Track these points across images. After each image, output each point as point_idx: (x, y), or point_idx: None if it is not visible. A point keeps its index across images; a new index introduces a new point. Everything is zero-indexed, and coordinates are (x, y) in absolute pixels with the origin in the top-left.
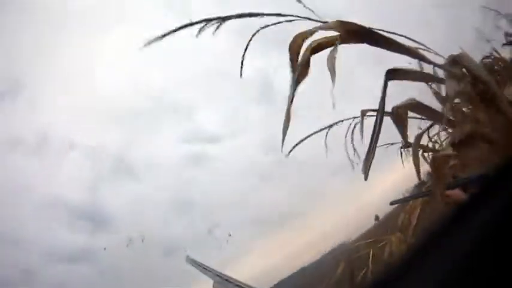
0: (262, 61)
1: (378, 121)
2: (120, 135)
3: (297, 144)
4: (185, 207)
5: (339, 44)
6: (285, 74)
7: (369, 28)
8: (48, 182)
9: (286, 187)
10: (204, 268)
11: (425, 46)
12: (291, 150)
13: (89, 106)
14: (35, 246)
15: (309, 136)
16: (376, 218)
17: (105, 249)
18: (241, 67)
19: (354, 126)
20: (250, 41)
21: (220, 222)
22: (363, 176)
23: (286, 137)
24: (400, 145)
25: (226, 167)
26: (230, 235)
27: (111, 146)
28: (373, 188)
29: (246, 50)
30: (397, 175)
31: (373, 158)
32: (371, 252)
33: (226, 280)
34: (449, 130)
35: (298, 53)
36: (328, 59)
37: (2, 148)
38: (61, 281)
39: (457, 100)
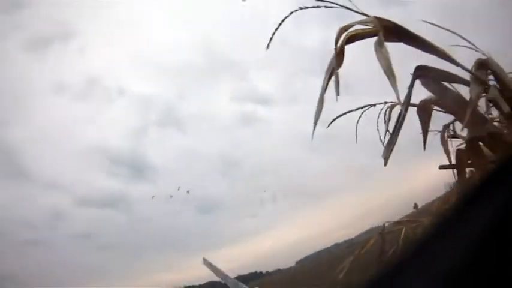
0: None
1: (402, 113)
2: (172, 87)
3: (337, 118)
4: (230, 166)
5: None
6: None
7: (405, 28)
8: (92, 127)
9: (332, 162)
10: (219, 271)
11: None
12: (331, 123)
13: (143, 56)
14: (68, 190)
15: (348, 112)
16: (415, 206)
17: (153, 197)
18: (271, 38)
19: (385, 113)
20: (286, 17)
21: (262, 186)
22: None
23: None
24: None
25: (275, 131)
26: (275, 199)
27: (162, 97)
28: (417, 175)
29: (280, 25)
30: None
31: (393, 147)
32: (403, 230)
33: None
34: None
35: (343, 48)
36: (379, 59)
37: (49, 91)
38: (89, 226)
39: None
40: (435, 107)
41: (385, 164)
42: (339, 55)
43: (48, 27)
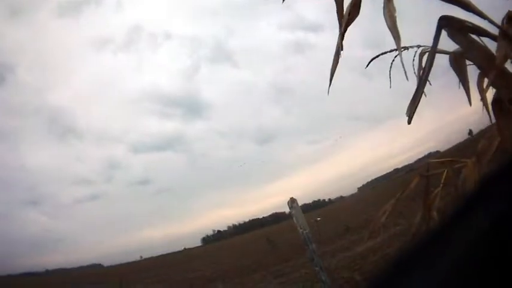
0: None
1: (428, 65)
2: (217, 25)
3: (373, 59)
4: (284, 95)
5: None
6: None
7: None
8: (140, 75)
9: (385, 87)
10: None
11: None
12: (368, 64)
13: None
14: (121, 140)
15: (383, 53)
16: (470, 132)
17: (241, 165)
18: None
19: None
20: None
21: (317, 114)
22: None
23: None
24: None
25: (326, 57)
26: (340, 137)
27: (209, 34)
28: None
29: None
30: None
31: (418, 103)
32: (445, 173)
33: None
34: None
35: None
36: (385, 17)
37: (90, 49)
38: (146, 171)
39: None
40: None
41: (409, 122)
42: (354, 7)
43: None
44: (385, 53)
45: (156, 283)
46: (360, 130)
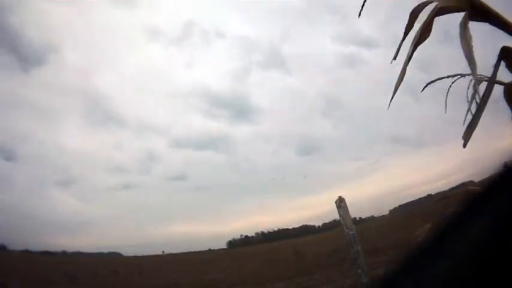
0: None
1: (487, 92)
2: (272, 28)
3: (429, 84)
4: (331, 108)
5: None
6: None
7: (493, 8)
8: (190, 71)
9: (434, 110)
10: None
11: None
12: (423, 88)
13: None
14: (164, 133)
15: (440, 79)
16: (505, 164)
17: (282, 178)
18: None
19: (476, 86)
20: None
21: (362, 130)
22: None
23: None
24: None
25: (377, 74)
26: (376, 159)
27: (263, 38)
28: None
29: None
30: None
31: (474, 129)
32: None
33: None
34: None
35: (416, 18)
36: (462, 43)
37: (143, 38)
38: (185, 167)
39: None
40: None
41: (464, 146)
42: (427, 27)
43: None
44: (443, 78)
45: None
46: (401, 152)
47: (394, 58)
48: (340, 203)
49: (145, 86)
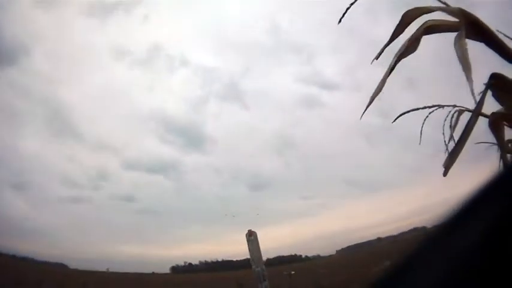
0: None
1: (471, 123)
2: (236, 62)
3: (403, 114)
4: (285, 146)
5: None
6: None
7: (490, 28)
8: (150, 94)
9: (388, 156)
10: (255, 251)
11: None
12: (396, 118)
13: (210, 29)
14: (118, 153)
15: (415, 110)
16: None
17: (257, 214)
18: (342, 16)
19: (452, 116)
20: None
21: (314, 171)
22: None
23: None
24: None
25: (335, 117)
26: (326, 200)
27: (226, 70)
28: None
29: (348, 9)
30: None
31: (457, 157)
32: None
33: None
34: None
35: (408, 25)
36: (456, 48)
37: (109, 56)
38: (134, 189)
39: None
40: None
41: (445, 174)
42: (414, 42)
43: None
44: (418, 109)
45: None
46: (353, 195)
47: (376, 58)
48: (250, 236)
49: (106, 103)
